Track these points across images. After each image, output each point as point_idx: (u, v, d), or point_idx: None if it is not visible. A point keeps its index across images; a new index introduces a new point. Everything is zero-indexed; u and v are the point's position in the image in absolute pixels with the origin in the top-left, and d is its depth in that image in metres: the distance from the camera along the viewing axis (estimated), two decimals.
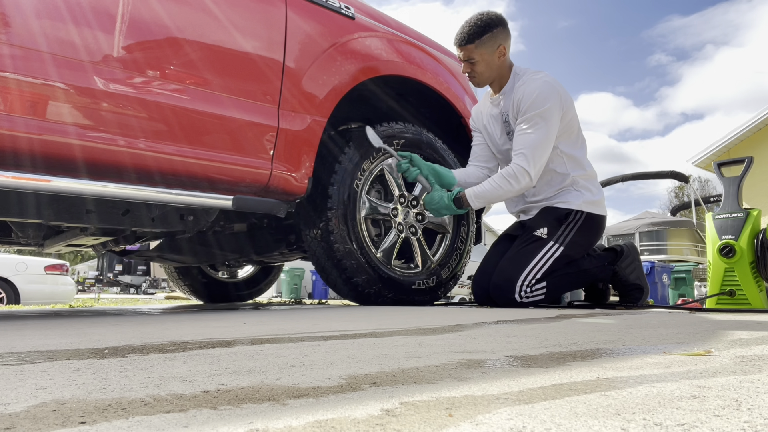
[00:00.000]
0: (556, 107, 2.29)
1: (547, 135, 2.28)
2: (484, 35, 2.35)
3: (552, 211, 2.42)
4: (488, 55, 2.38)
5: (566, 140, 2.40)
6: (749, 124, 11.98)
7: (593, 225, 2.43)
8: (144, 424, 0.49)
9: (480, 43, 2.36)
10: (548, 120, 2.28)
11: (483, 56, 2.38)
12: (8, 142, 1.48)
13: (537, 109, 2.27)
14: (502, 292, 2.33)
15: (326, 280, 2.36)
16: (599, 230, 2.49)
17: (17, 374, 0.72)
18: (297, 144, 2.02)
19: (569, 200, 2.40)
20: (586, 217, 2.39)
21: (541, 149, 2.28)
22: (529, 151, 2.28)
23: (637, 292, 2.48)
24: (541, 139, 2.28)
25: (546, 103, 2.27)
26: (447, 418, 0.50)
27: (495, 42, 2.37)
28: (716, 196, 3.77)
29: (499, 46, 2.38)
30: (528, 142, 2.29)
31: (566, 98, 2.36)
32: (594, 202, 2.41)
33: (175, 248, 2.99)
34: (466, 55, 2.39)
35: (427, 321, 1.50)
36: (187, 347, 0.98)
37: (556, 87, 2.32)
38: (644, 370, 0.75)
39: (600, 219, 2.46)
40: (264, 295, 5.38)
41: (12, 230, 2.34)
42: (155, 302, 6.78)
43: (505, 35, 2.41)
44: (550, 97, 2.28)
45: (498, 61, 2.39)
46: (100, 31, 1.62)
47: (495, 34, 2.37)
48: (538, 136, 2.27)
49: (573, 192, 2.41)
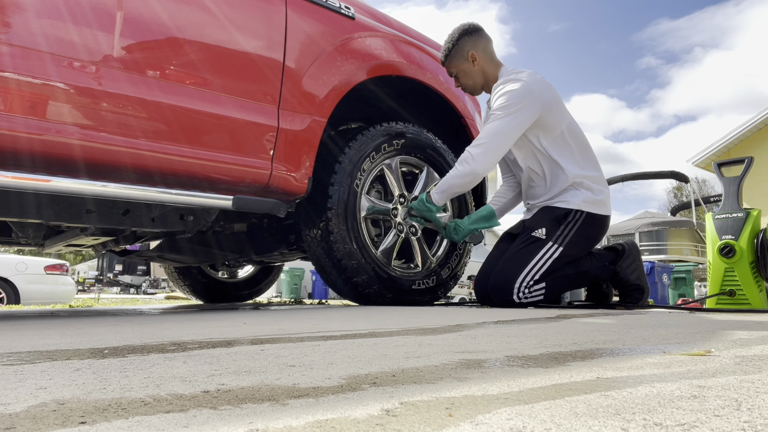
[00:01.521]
0: (525, 106, 2.28)
1: (504, 128, 2.27)
2: (451, 50, 2.48)
3: (550, 210, 2.41)
4: (461, 65, 2.48)
5: (551, 142, 2.39)
6: (749, 124, 11.98)
7: (594, 224, 2.41)
8: (144, 424, 0.49)
9: (450, 58, 2.49)
10: (511, 115, 2.28)
11: (458, 68, 2.49)
12: (8, 142, 1.48)
13: (501, 105, 2.30)
14: (500, 293, 2.33)
15: (326, 280, 2.36)
16: (601, 230, 2.48)
17: (17, 374, 0.72)
18: (297, 144, 2.02)
19: (568, 200, 2.39)
20: (587, 217, 2.37)
21: (494, 139, 2.27)
22: (481, 138, 2.30)
23: (638, 293, 2.47)
24: (496, 130, 2.28)
25: (511, 101, 2.28)
26: (447, 418, 0.50)
27: (462, 52, 2.46)
28: (716, 196, 3.77)
29: (468, 54, 2.46)
30: (484, 131, 2.33)
31: (547, 99, 2.33)
32: (595, 201, 2.39)
33: (175, 248, 2.99)
34: (447, 72, 2.54)
35: (427, 321, 1.50)
36: (187, 347, 0.98)
37: (532, 87, 2.30)
38: (644, 370, 0.75)
39: (602, 218, 2.44)
40: (264, 295, 5.38)
41: (12, 230, 2.34)
42: (155, 302, 6.78)
43: (471, 42, 2.46)
44: (518, 96, 2.28)
45: (474, 67, 2.47)
46: (100, 31, 1.62)
47: (460, 45, 2.47)
48: (494, 126, 2.29)
49: (572, 191, 2.40)
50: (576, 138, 2.43)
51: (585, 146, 2.47)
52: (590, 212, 2.38)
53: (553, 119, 2.37)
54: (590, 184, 2.41)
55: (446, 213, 2.55)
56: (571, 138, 2.42)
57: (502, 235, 2.67)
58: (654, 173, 4.33)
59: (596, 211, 2.40)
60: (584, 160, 2.44)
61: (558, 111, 2.38)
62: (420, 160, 2.49)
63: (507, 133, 2.29)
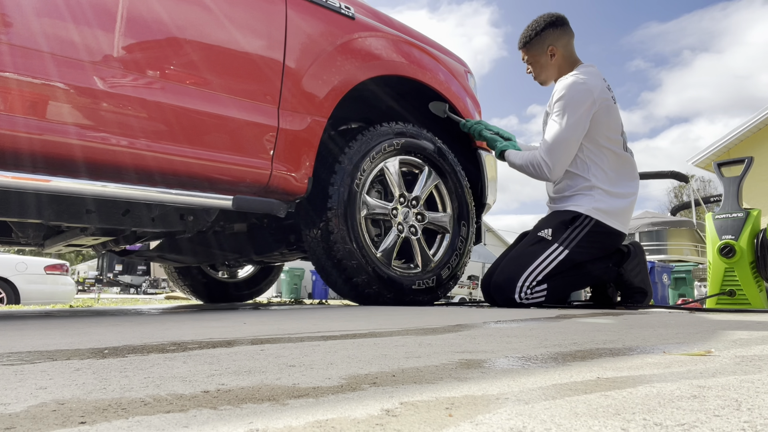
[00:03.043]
0: (582, 103, 2.28)
1: (570, 129, 2.30)
2: (532, 39, 2.48)
3: (560, 213, 2.39)
4: (538, 56, 2.49)
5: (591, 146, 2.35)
6: (749, 124, 11.98)
7: (604, 235, 2.34)
8: (144, 424, 0.49)
9: (529, 46, 2.49)
10: (572, 114, 2.29)
11: (534, 58, 2.50)
12: (8, 142, 1.48)
13: (562, 102, 2.31)
14: (502, 292, 2.33)
15: (326, 280, 2.35)
16: (611, 242, 2.40)
17: (17, 374, 0.72)
18: (297, 144, 2.02)
19: (580, 203, 2.35)
20: (596, 224, 2.32)
21: (562, 144, 2.31)
22: (550, 145, 2.34)
23: (640, 295, 2.43)
24: (562, 134, 2.31)
25: (572, 97, 2.28)
26: (447, 418, 0.50)
27: (543, 44, 2.46)
28: (716, 196, 3.77)
29: (548, 48, 2.46)
30: (551, 135, 2.34)
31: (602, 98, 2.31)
32: (607, 211, 2.33)
33: (175, 248, 2.99)
34: (522, 57, 2.54)
35: (427, 321, 1.50)
36: (187, 347, 0.98)
37: (590, 86, 2.29)
38: (644, 370, 0.75)
39: (612, 232, 2.36)
40: (264, 295, 5.38)
41: (12, 230, 2.34)
42: (155, 302, 6.78)
43: (555, 36, 2.45)
44: (577, 93, 2.29)
45: (551, 61, 2.47)
46: (100, 31, 1.62)
47: (542, 36, 2.46)
48: (559, 129, 2.31)
49: (586, 196, 2.35)
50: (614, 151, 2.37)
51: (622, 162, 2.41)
52: (600, 221, 2.32)
53: (599, 125, 2.33)
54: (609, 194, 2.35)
55: (447, 213, 2.55)
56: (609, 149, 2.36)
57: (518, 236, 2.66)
58: (654, 173, 4.33)
59: (607, 222, 2.33)
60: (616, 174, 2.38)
61: (609, 119, 2.34)
62: (420, 160, 2.49)
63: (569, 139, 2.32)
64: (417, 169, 2.52)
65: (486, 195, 2.84)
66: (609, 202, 2.35)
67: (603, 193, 2.35)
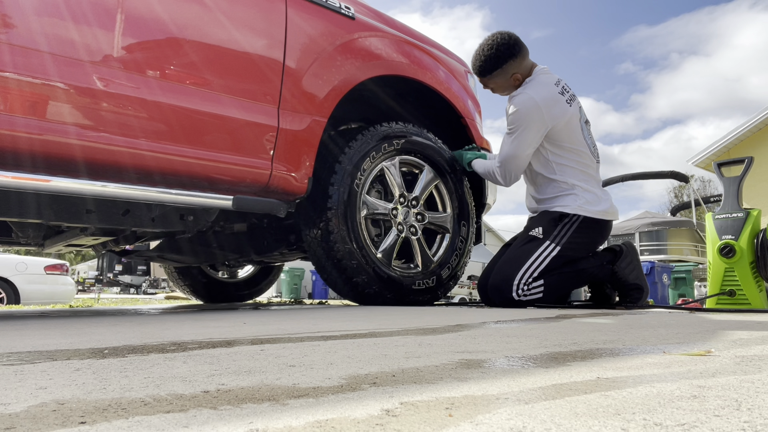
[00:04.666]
0: (532, 121, 2.36)
1: (518, 147, 2.41)
2: (494, 71, 2.47)
3: (548, 213, 2.47)
4: (502, 82, 2.51)
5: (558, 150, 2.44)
6: (749, 124, 11.98)
7: (593, 228, 2.44)
8: (144, 424, 0.49)
9: (491, 77, 2.50)
10: (522, 132, 2.39)
11: (497, 84, 2.52)
12: (8, 142, 1.48)
13: (513, 118, 2.40)
14: (499, 291, 2.34)
15: (326, 280, 2.35)
16: (602, 233, 2.50)
17: (17, 374, 0.72)
18: (297, 144, 2.02)
19: (567, 204, 2.43)
20: (585, 219, 2.41)
21: (511, 160, 2.46)
22: (501, 160, 2.48)
23: (637, 293, 2.48)
24: (510, 151, 2.44)
25: (522, 116, 2.36)
26: (447, 418, 0.50)
27: (506, 73, 2.48)
28: (716, 196, 3.77)
29: (512, 76, 2.48)
30: (502, 152, 2.48)
31: (553, 115, 2.37)
32: (593, 205, 2.42)
33: (175, 248, 2.99)
34: (482, 83, 2.57)
35: (427, 321, 1.50)
36: (187, 347, 0.98)
37: (538, 102, 2.35)
38: (644, 370, 0.75)
39: (601, 222, 2.46)
40: (264, 295, 5.38)
41: (12, 230, 2.34)
42: (155, 302, 6.78)
43: (516, 64, 2.46)
44: (527, 111, 2.35)
45: (514, 84, 2.50)
46: (100, 31, 1.62)
47: (505, 68, 2.47)
48: (509, 147, 2.44)
49: (571, 196, 2.44)
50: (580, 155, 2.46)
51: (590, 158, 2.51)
52: (588, 216, 2.41)
53: (559, 133, 2.41)
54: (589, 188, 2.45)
55: (447, 213, 2.56)
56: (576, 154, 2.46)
57: (508, 240, 2.70)
58: (654, 173, 4.32)
59: (596, 216, 2.42)
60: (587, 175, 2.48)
61: (566, 125, 2.41)
62: (420, 160, 2.49)
63: (519, 155, 2.44)
64: (417, 169, 2.52)
65: (486, 195, 2.84)
66: (591, 195, 2.45)
67: (583, 190, 2.44)
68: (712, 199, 3.99)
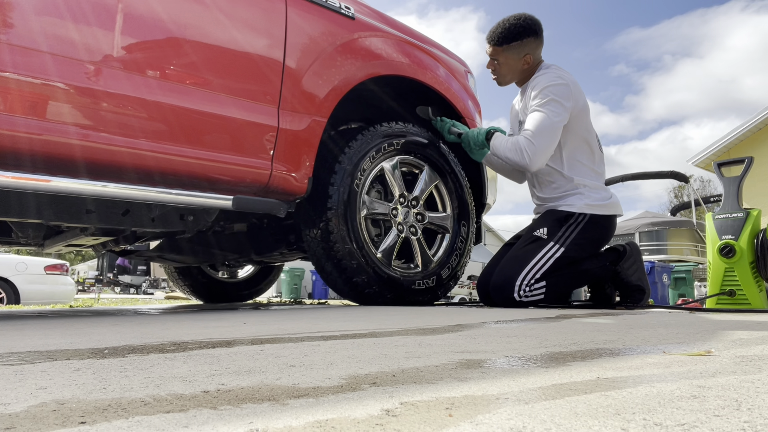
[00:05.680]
0: (565, 96, 2.32)
1: (553, 119, 2.30)
2: (513, 42, 2.43)
3: (553, 213, 2.45)
4: (513, 60, 2.47)
5: (571, 143, 2.42)
6: (749, 124, 11.98)
7: (599, 226, 2.42)
8: (144, 424, 0.49)
9: (507, 48, 2.45)
10: (557, 104, 2.31)
11: (507, 60, 2.47)
12: (8, 142, 1.48)
13: (546, 93, 2.33)
14: (501, 292, 2.34)
15: (326, 280, 2.35)
16: (607, 231, 2.48)
17: (17, 374, 0.72)
18: (297, 144, 2.02)
19: (572, 203, 2.42)
20: (590, 219, 2.39)
21: (548, 129, 2.29)
22: (534, 131, 2.31)
23: (639, 294, 2.47)
24: (546, 122, 2.29)
25: (557, 92, 2.32)
26: (447, 418, 0.50)
27: (522, 50, 2.45)
28: (716, 196, 3.77)
29: (525, 55, 2.45)
30: (535, 122, 2.32)
31: (577, 95, 2.38)
32: (600, 204, 2.41)
33: (175, 248, 2.99)
34: (492, 53, 2.48)
35: (427, 321, 1.50)
36: (187, 347, 0.98)
37: (567, 81, 2.35)
38: (644, 370, 0.74)
39: (607, 219, 2.45)
40: (264, 295, 5.38)
41: (12, 230, 2.34)
42: (155, 302, 6.77)
43: (534, 45, 2.46)
44: (558, 87, 2.33)
45: (522, 67, 2.48)
46: (100, 30, 1.62)
47: (524, 43, 2.44)
48: (545, 116, 2.30)
49: (576, 195, 2.42)
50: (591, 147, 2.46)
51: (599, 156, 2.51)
52: (594, 214, 2.39)
53: (575, 118, 2.40)
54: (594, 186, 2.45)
55: (447, 213, 2.55)
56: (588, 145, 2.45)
57: (509, 239, 2.69)
58: (654, 173, 4.32)
59: (601, 213, 2.41)
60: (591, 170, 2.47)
61: (581, 111, 2.41)
62: (420, 160, 2.49)
63: (555, 128, 2.31)
64: (417, 169, 2.52)
65: (486, 195, 2.84)
66: (597, 194, 2.44)
67: (589, 189, 2.43)
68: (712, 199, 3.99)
